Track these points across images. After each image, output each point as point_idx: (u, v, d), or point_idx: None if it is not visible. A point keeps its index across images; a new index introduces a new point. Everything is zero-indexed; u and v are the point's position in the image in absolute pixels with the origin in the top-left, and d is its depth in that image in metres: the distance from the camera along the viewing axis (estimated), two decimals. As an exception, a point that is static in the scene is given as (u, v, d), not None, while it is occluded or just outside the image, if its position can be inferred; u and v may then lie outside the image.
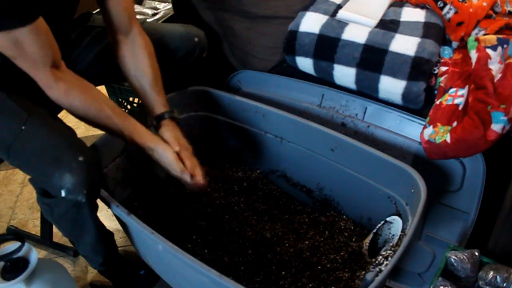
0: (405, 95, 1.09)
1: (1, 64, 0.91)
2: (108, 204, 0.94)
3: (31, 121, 0.89)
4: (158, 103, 1.04)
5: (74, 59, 1.12)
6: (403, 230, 0.91)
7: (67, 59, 1.12)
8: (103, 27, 1.15)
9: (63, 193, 0.86)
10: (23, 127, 0.88)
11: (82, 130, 1.87)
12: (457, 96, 1.01)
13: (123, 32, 1.03)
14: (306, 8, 1.25)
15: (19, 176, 1.69)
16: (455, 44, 1.14)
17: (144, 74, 1.03)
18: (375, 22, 1.17)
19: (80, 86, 0.91)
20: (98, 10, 1.51)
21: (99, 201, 0.95)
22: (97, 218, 0.97)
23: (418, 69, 1.06)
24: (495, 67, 0.96)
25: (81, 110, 0.90)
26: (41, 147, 0.88)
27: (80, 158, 0.85)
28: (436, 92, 1.08)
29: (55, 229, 1.37)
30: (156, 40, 1.12)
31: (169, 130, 1.03)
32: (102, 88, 1.85)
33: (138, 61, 1.03)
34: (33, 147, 0.89)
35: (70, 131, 0.95)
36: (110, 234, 1.09)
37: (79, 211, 0.91)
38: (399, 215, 0.98)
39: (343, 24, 1.17)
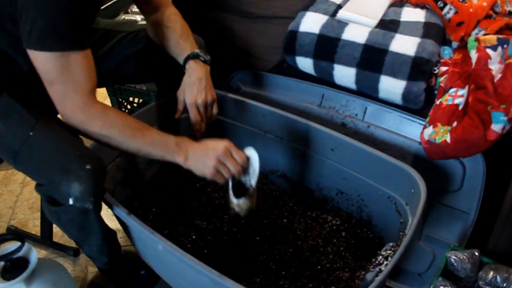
0: (405, 95, 1.09)
1: (25, 73, 0.92)
2: (108, 204, 0.94)
3: (39, 128, 0.89)
4: (186, 49, 1.06)
5: None
6: (403, 230, 0.91)
7: None
8: (107, 30, 1.15)
9: (70, 201, 0.86)
10: (31, 133, 0.88)
11: (82, 130, 1.87)
12: (457, 96, 1.01)
13: (157, 8, 1.09)
14: (306, 8, 1.25)
15: (19, 176, 1.69)
16: (455, 44, 1.14)
17: (173, 26, 1.07)
18: (375, 22, 1.17)
19: (112, 107, 0.92)
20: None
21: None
22: (102, 221, 0.98)
23: (418, 69, 1.06)
24: (495, 67, 0.96)
25: (120, 125, 0.88)
26: (48, 154, 0.88)
27: (88, 167, 0.85)
28: (436, 92, 1.08)
29: (55, 229, 1.37)
30: (156, 45, 1.13)
31: (190, 73, 1.04)
32: (102, 89, 1.85)
33: (170, 22, 1.08)
34: (40, 154, 0.89)
35: (77, 137, 0.95)
36: (113, 234, 1.10)
37: (86, 217, 0.92)
38: (400, 215, 0.98)
39: (343, 24, 1.17)
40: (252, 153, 0.96)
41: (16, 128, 0.90)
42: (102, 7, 1.54)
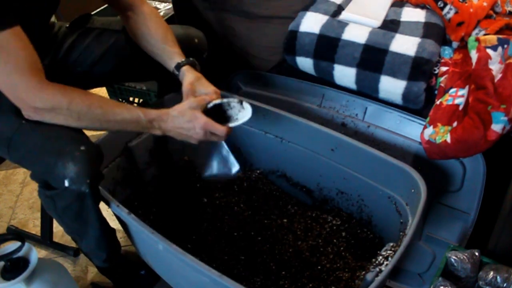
0: (405, 95, 1.09)
1: None
2: (108, 204, 0.94)
3: None
4: (174, 54, 1.04)
5: (75, 60, 1.12)
6: (403, 230, 0.91)
7: (67, 60, 1.13)
8: (103, 29, 1.15)
9: (66, 183, 0.85)
10: (23, 121, 0.88)
11: (82, 130, 1.87)
12: (457, 96, 1.01)
13: (129, 8, 1.06)
14: (306, 8, 1.25)
15: (19, 176, 1.69)
16: (455, 44, 1.14)
17: (155, 32, 1.05)
18: (378, 23, 1.16)
19: (70, 87, 0.89)
20: (97, 10, 1.53)
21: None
22: (100, 211, 0.96)
23: (418, 69, 1.06)
24: (495, 67, 0.96)
25: (84, 104, 0.86)
26: (42, 139, 0.88)
27: (82, 148, 0.85)
28: (436, 92, 1.08)
29: (55, 229, 1.37)
30: None
31: (190, 72, 1.01)
32: (102, 89, 1.86)
33: (147, 25, 1.05)
34: (34, 139, 0.88)
35: None
36: (112, 230, 1.09)
37: (82, 203, 0.90)
38: (400, 215, 0.98)
39: (343, 24, 1.17)
40: (247, 106, 0.98)
41: (8, 118, 0.89)
42: (102, 7, 1.55)
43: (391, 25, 1.16)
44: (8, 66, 0.80)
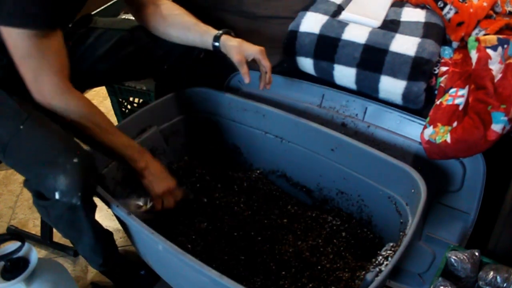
0: (405, 95, 1.09)
1: (5, 65, 0.91)
2: (108, 204, 0.94)
3: (30, 122, 0.88)
4: (209, 29, 1.09)
5: (77, 59, 1.12)
6: (403, 230, 0.91)
7: (69, 60, 1.13)
8: (105, 29, 1.16)
9: (57, 196, 0.84)
10: (21, 127, 0.87)
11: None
12: (457, 96, 1.01)
13: (151, 2, 1.11)
14: (306, 8, 1.25)
15: (19, 176, 1.68)
16: (455, 44, 1.14)
17: (184, 14, 1.11)
18: (378, 23, 1.16)
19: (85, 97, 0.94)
20: (97, 10, 1.53)
21: (99, 201, 0.95)
22: (93, 220, 0.96)
23: (418, 69, 1.06)
24: (495, 67, 0.96)
25: (97, 119, 0.92)
26: (37, 148, 0.87)
27: (75, 160, 0.84)
28: (436, 92, 1.08)
29: (55, 229, 1.37)
30: (153, 42, 1.13)
31: (231, 41, 1.06)
32: (102, 89, 1.86)
33: (175, 10, 1.11)
34: (29, 147, 0.88)
35: (68, 133, 0.95)
36: (109, 234, 1.09)
37: (74, 214, 0.91)
38: (400, 215, 0.98)
39: (343, 24, 1.17)
40: None
41: (7, 122, 0.89)
42: (102, 7, 1.55)
43: (391, 25, 1.16)
44: (41, 62, 0.84)
